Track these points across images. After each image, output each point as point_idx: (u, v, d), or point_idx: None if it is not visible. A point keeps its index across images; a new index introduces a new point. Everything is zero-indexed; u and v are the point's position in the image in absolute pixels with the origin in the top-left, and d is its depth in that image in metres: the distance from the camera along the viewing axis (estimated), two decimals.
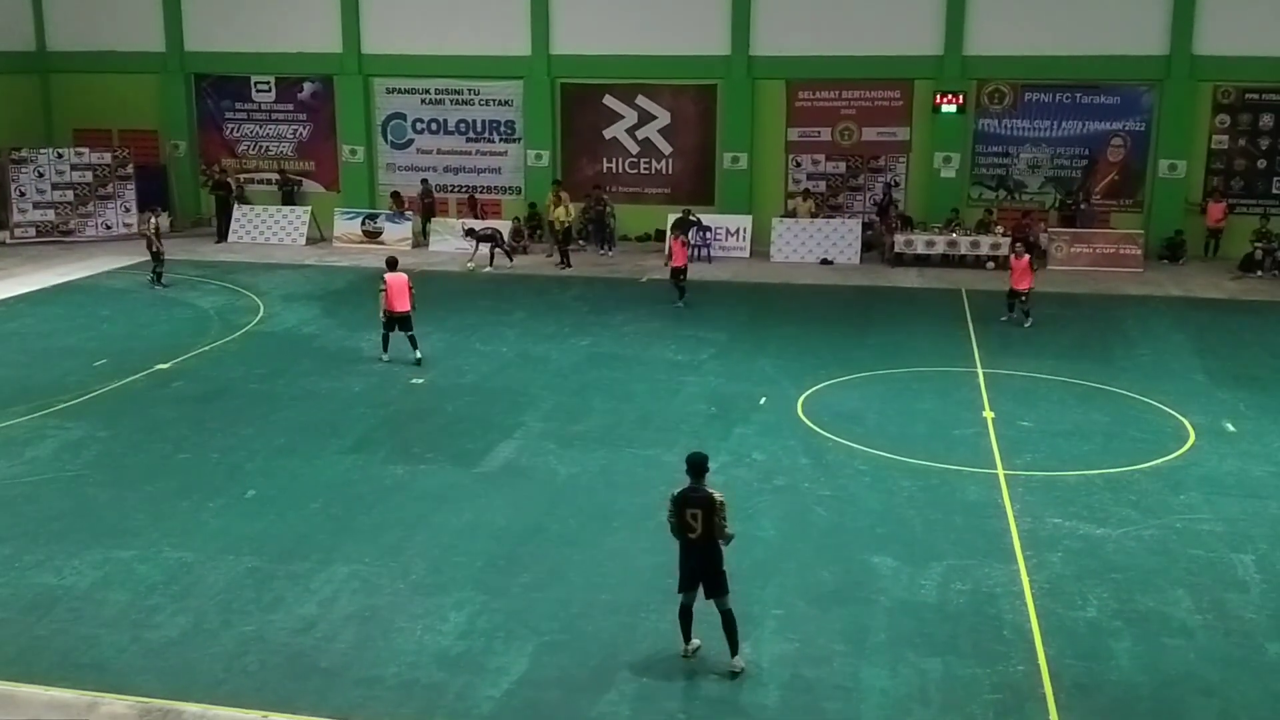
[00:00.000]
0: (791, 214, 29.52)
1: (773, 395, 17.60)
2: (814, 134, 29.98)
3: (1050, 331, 21.58)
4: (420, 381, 18.38)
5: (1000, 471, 14.50)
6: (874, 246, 29.09)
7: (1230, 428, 16.21)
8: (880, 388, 18.14)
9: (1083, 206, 28.63)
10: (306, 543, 12.39)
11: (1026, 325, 21.59)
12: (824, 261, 28.36)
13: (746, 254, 29.12)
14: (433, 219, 30.38)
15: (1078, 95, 28.63)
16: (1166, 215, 28.47)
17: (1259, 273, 26.78)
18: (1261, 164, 28.36)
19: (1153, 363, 19.72)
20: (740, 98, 29.75)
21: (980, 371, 18.95)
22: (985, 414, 16.78)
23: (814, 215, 29.38)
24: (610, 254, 29.23)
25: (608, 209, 29.85)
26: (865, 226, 29.21)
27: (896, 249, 27.96)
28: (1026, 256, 22.19)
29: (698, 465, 9.79)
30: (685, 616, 9.97)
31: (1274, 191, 28.37)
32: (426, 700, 9.51)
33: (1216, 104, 28.20)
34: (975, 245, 27.65)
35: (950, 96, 28.72)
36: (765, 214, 29.66)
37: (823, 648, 10.27)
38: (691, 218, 28.34)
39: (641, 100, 30.60)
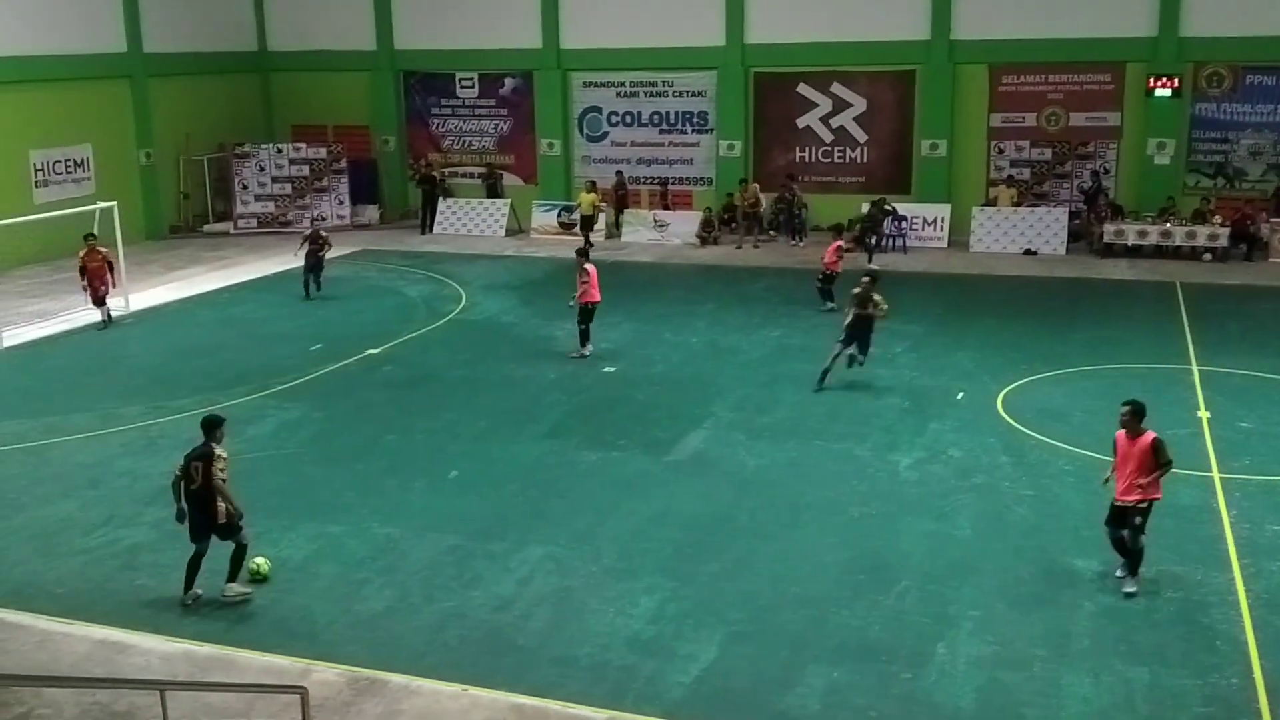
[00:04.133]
0: (992, 202, 28.68)
1: (971, 390, 17.14)
2: (1018, 119, 28.99)
3: (1272, 327, 20.31)
4: (612, 370, 18.67)
5: (1216, 475, 13.75)
6: (1081, 236, 28.00)
7: None
8: (1087, 385, 17.42)
9: None
10: (504, 523, 12.78)
11: None
12: (1027, 252, 27.44)
13: (944, 244, 28.46)
14: (625, 210, 30.78)
15: None
16: None
17: None
18: None
19: None
20: (940, 83, 29.03)
21: (1195, 369, 17.99)
22: (1200, 414, 15.93)
23: (1017, 204, 28.49)
24: (801, 245, 28.99)
25: (798, 199, 29.62)
26: (1072, 216, 28.13)
27: (1106, 239, 26.80)
28: None
29: (210, 425, 11.03)
30: (195, 566, 11.04)
31: None
32: (618, 682, 9.67)
33: None
34: (1191, 236, 26.25)
35: (1165, 80, 27.30)
36: (965, 203, 28.89)
37: (1021, 651, 9.98)
38: (886, 206, 27.90)
39: (836, 88, 30.20)
